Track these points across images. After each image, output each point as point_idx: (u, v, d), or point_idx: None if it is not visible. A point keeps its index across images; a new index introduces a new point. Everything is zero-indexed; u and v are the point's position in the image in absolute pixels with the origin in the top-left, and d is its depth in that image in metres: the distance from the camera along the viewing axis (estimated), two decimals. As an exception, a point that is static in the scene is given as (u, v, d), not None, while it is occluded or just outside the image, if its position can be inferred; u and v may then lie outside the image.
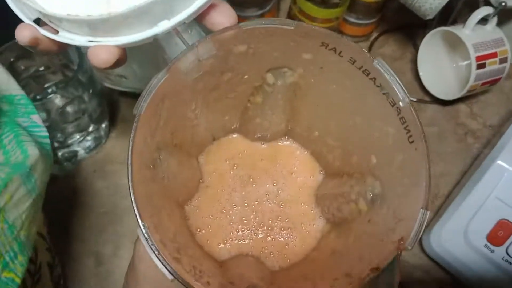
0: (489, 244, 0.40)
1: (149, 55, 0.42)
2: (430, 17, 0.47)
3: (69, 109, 0.44)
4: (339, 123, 0.32)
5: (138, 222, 0.22)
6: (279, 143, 0.37)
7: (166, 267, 0.22)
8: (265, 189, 0.35)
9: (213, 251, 0.33)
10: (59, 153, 0.46)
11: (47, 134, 0.33)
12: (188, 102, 0.30)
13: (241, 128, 0.37)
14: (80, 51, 0.43)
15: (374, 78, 0.25)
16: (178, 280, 0.21)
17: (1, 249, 0.24)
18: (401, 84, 0.24)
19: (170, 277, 0.22)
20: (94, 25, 0.24)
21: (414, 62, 0.58)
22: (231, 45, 0.27)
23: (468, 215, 0.41)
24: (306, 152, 0.36)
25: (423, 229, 0.22)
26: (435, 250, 0.43)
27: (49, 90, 0.48)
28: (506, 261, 0.39)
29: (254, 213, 0.34)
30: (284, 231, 0.34)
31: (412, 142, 0.24)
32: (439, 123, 0.55)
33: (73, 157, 0.47)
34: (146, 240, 0.22)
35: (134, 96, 0.53)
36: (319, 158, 0.36)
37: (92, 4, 0.25)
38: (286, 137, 0.37)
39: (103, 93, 0.49)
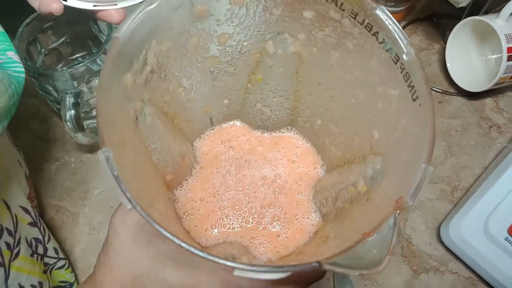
0: (510, 237, 0.39)
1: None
2: (463, 4, 0.47)
3: (96, 80, 0.45)
4: (341, 103, 0.30)
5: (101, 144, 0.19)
6: (282, 133, 0.36)
7: (125, 193, 0.19)
8: (262, 174, 0.34)
9: (200, 237, 0.31)
10: (85, 123, 0.47)
11: (23, 69, 0.33)
12: (180, 59, 0.29)
13: (242, 115, 0.36)
14: (110, 24, 0.43)
15: (377, 33, 0.23)
16: (136, 209, 0.19)
17: None
18: (404, 33, 0.22)
19: (128, 206, 0.19)
20: None
21: (441, 53, 0.57)
22: None
23: (490, 207, 0.40)
24: (309, 144, 0.35)
25: (423, 183, 0.20)
26: (453, 241, 0.42)
27: (77, 61, 0.49)
28: (527, 255, 0.39)
29: (247, 198, 0.33)
30: (277, 221, 0.32)
31: (416, 98, 0.22)
32: (463, 116, 0.54)
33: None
34: (107, 160, 0.19)
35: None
36: (322, 151, 0.35)
37: None
38: (289, 127, 0.36)
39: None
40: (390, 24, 0.22)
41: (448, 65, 0.55)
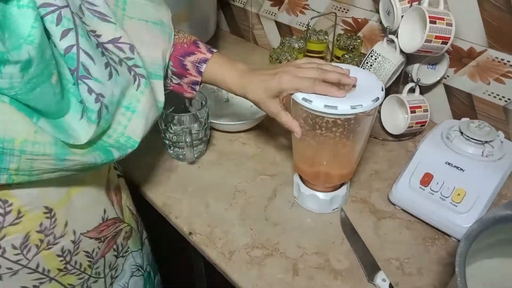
0: (421, 186, 0.75)
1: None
2: (382, 86, 0.90)
3: (195, 126, 0.83)
4: None
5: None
6: None
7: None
8: None
9: None
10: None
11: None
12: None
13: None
14: (203, 95, 0.84)
15: None
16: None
17: None
18: None
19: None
20: None
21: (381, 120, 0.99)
22: None
23: (409, 174, 0.77)
24: None
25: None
26: (395, 197, 0.77)
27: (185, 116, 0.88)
28: (431, 193, 0.74)
29: None
30: None
31: None
32: (396, 151, 0.94)
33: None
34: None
35: (222, 131, 0.94)
36: None
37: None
38: None
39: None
40: None
41: (383, 122, 0.96)
